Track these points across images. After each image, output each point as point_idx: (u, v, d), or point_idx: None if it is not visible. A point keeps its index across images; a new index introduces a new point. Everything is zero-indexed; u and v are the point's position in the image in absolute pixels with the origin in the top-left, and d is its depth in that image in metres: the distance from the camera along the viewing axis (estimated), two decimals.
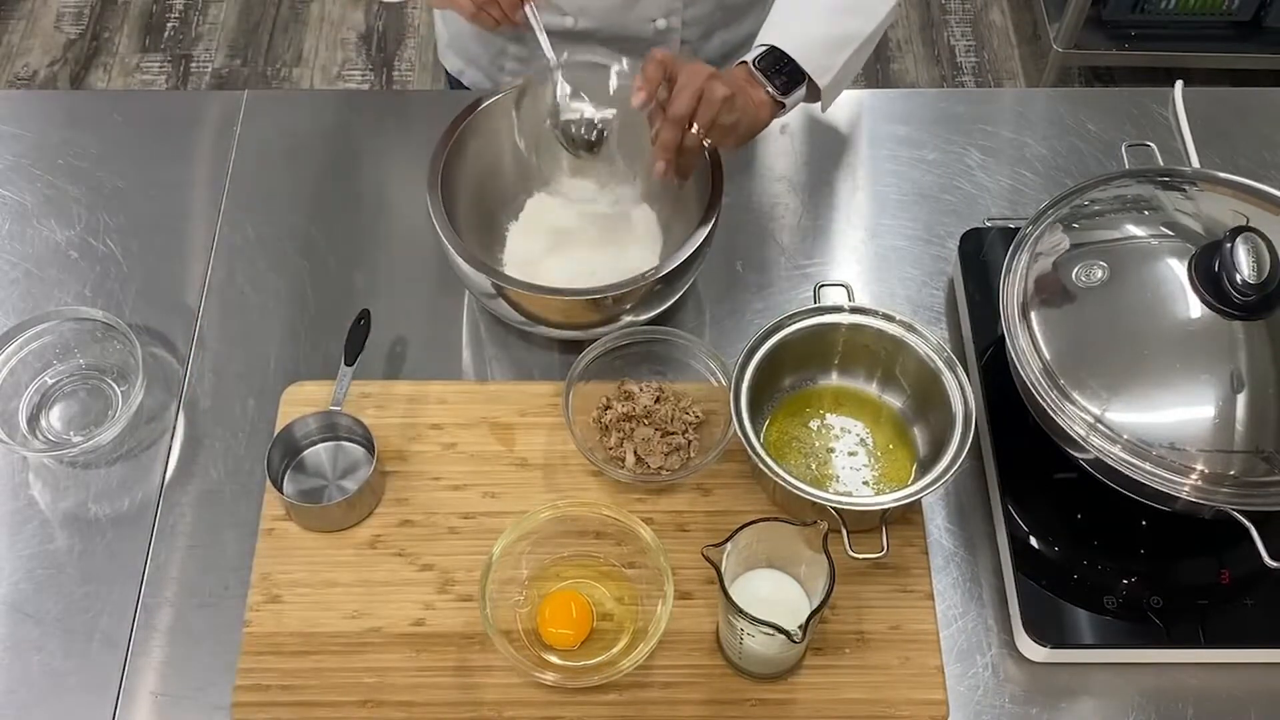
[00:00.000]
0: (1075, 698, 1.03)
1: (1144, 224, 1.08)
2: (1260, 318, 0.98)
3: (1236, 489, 0.96)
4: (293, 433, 1.11)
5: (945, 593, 1.07)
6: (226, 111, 1.40)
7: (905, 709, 1.01)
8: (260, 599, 1.06)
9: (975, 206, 1.32)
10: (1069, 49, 2.58)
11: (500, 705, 1.01)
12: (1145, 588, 1.04)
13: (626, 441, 1.12)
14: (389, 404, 1.16)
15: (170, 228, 1.31)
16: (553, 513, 1.04)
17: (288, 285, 1.26)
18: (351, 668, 1.03)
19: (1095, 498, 1.04)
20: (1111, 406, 0.98)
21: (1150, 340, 1.01)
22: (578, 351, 1.13)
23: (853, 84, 1.26)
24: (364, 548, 1.09)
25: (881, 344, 1.11)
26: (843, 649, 1.03)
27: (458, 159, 1.18)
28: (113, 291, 1.25)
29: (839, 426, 1.14)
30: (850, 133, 1.40)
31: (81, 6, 2.85)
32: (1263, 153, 1.36)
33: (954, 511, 1.12)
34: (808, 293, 1.16)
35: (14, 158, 1.36)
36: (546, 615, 1.03)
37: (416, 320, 1.24)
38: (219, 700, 1.02)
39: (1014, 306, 1.06)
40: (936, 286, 1.26)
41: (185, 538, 1.11)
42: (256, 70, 2.76)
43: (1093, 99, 1.44)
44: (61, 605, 1.07)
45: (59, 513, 1.12)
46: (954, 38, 2.82)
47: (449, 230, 1.13)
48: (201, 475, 1.14)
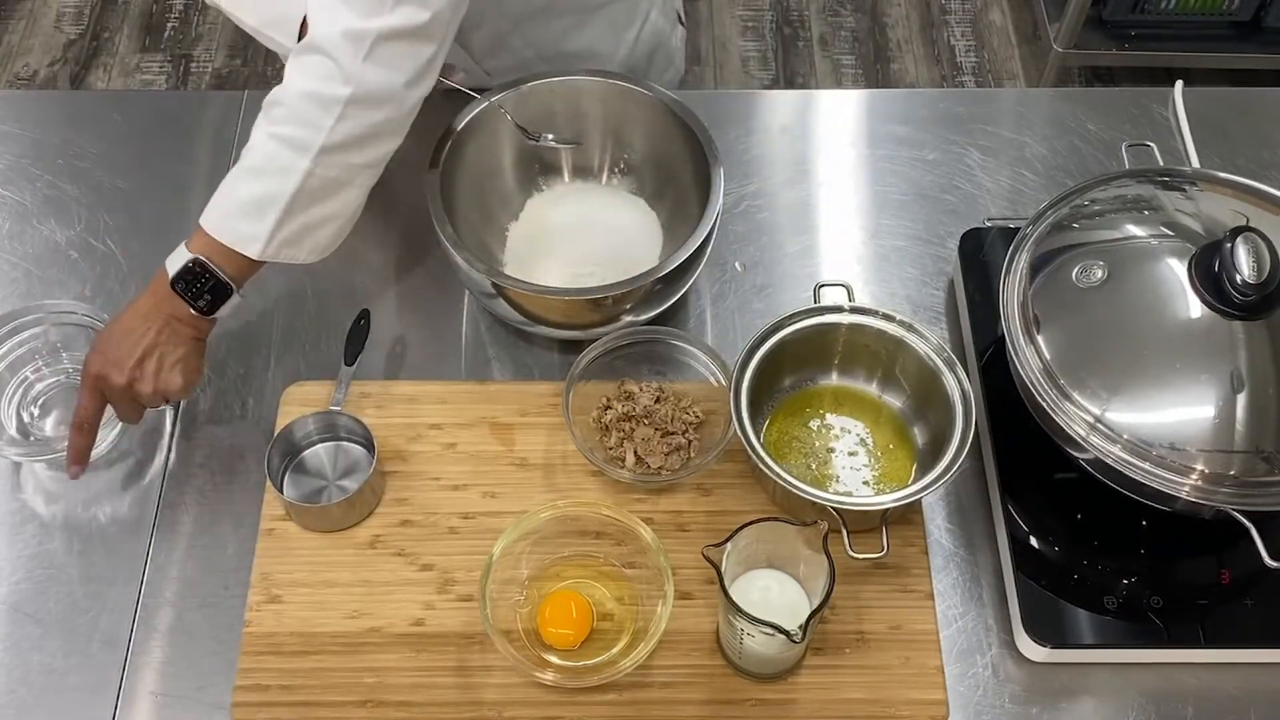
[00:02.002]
0: (1075, 698, 1.03)
1: (1144, 224, 1.08)
2: (1260, 318, 0.98)
3: (1236, 489, 0.96)
4: (293, 433, 1.11)
5: (945, 593, 1.07)
6: (226, 111, 1.40)
7: (905, 709, 1.01)
8: (260, 599, 1.06)
9: (975, 206, 1.32)
10: (1069, 49, 2.57)
11: (500, 705, 1.01)
12: (1145, 588, 1.04)
13: (626, 441, 1.12)
14: (389, 404, 1.16)
15: (170, 228, 1.30)
16: (553, 513, 1.04)
17: (288, 285, 1.26)
18: (351, 668, 1.03)
19: (1095, 498, 1.04)
20: (1111, 406, 0.98)
21: (1150, 340, 1.01)
22: (578, 351, 1.13)
23: (852, 84, 1.26)
24: (364, 548, 1.09)
25: (881, 344, 1.11)
26: (843, 649, 1.03)
27: (458, 159, 1.19)
28: (113, 291, 1.25)
29: (839, 426, 1.14)
30: (850, 133, 1.40)
31: (81, 6, 2.85)
32: (1263, 153, 1.36)
33: (954, 511, 1.12)
34: (808, 293, 1.16)
35: (14, 158, 1.36)
36: (547, 615, 1.03)
37: (416, 320, 1.24)
38: (219, 700, 1.02)
39: (1014, 306, 1.06)
40: (936, 286, 1.26)
41: (185, 538, 1.11)
42: (256, 70, 2.76)
43: (1093, 99, 1.44)
44: (61, 605, 1.07)
45: (59, 513, 1.12)
46: (954, 38, 2.82)
47: (449, 230, 1.13)
48: (201, 475, 1.14)
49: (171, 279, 1.05)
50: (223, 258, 1.05)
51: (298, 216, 1.05)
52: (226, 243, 1.05)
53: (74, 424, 1.06)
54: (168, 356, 1.06)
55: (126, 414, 1.08)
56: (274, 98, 1.05)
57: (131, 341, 1.05)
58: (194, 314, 1.06)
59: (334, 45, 1.02)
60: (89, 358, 1.06)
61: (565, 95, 1.24)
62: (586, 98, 1.24)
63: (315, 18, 1.04)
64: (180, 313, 1.06)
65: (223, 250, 1.05)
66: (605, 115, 1.25)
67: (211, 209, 1.06)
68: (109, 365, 1.04)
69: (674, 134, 1.21)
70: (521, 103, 1.22)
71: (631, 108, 1.23)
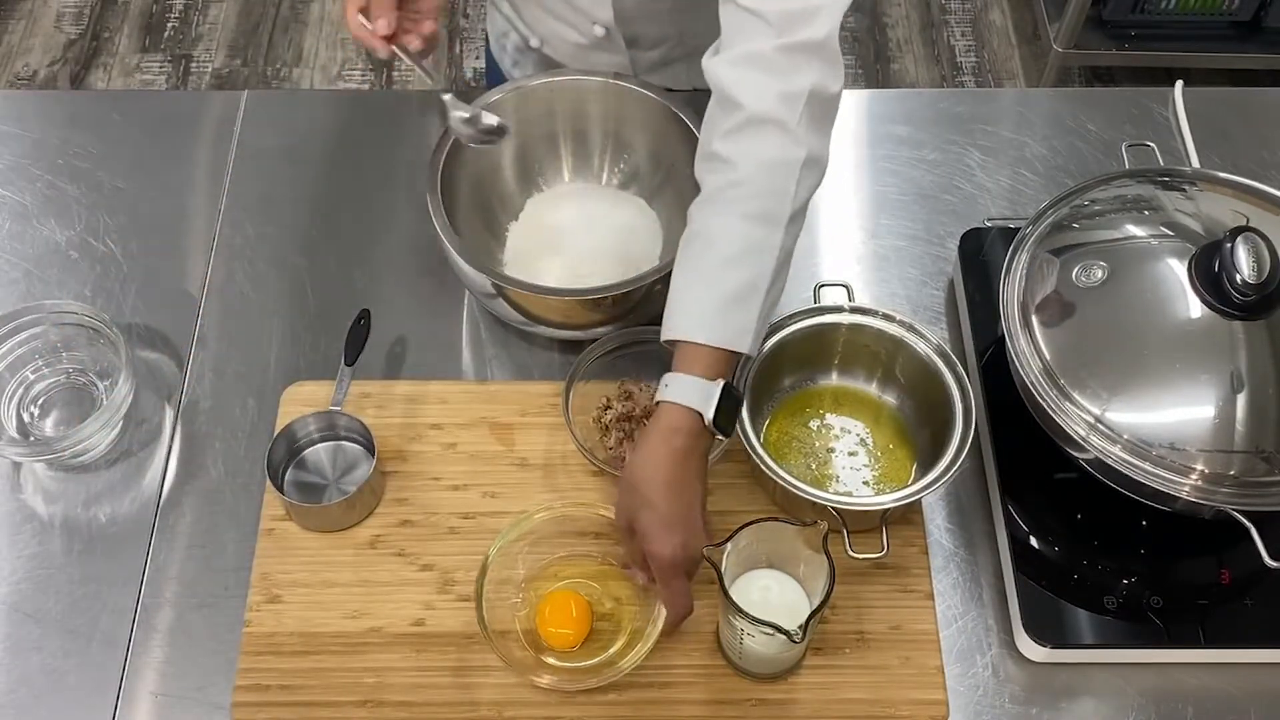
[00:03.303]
0: (1075, 698, 1.03)
1: (1144, 224, 1.08)
2: (1260, 318, 0.98)
3: (1236, 489, 0.96)
4: (293, 433, 1.11)
5: (945, 593, 1.07)
6: (226, 111, 1.40)
7: (905, 709, 1.01)
8: (260, 599, 1.06)
9: (975, 206, 1.32)
10: (1069, 49, 2.57)
11: (500, 705, 1.01)
12: (1145, 588, 1.04)
13: (626, 441, 1.12)
14: (389, 404, 1.16)
15: (170, 228, 1.31)
16: (549, 514, 1.04)
17: (288, 285, 1.26)
18: (351, 668, 1.03)
19: (1095, 498, 1.04)
20: (1111, 406, 0.98)
21: (1150, 340, 1.01)
22: (578, 351, 1.13)
23: (852, 84, 1.26)
24: (364, 548, 1.08)
25: (881, 344, 1.11)
26: (843, 649, 1.03)
27: (458, 159, 1.18)
28: (113, 291, 1.25)
29: (839, 426, 1.14)
30: (850, 133, 1.40)
31: (81, 6, 2.85)
32: (1263, 153, 1.36)
33: (954, 511, 1.12)
34: (808, 293, 1.16)
35: (14, 158, 1.36)
36: (546, 615, 1.03)
37: (416, 320, 1.24)
38: (219, 700, 1.02)
39: (1014, 306, 1.06)
40: (936, 286, 1.26)
41: (185, 538, 1.10)
42: (256, 70, 2.76)
43: (1093, 99, 1.44)
44: (61, 605, 1.07)
45: (59, 513, 1.12)
46: (954, 38, 2.82)
47: (449, 230, 1.13)
48: (201, 475, 1.14)
49: (713, 417, 0.94)
50: (719, 367, 0.95)
51: (769, 299, 0.98)
52: (720, 345, 0.95)
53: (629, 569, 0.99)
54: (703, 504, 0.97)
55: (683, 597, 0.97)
56: (725, 182, 0.98)
57: (685, 503, 0.95)
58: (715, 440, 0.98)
59: (776, 112, 0.97)
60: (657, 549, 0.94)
61: (565, 95, 1.24)
62: (587, 98, 1.24)
63: (743, 93, 0.98)
64: (706, 449, 0.97)
65: (717, 358, 0.96)
66: (605, 115, 1.25)
67: (686, 317, 0.97)
68: (681, 547, 0.94)
69: (674, 134, 1.21)
70: (522, 103, 1.22)
71: (631, 108, 1.23)
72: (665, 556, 0.94)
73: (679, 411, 0.95)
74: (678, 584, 0.96)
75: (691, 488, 0.96)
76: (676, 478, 0.95)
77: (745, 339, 0.96)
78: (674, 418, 0.95)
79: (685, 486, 0.95)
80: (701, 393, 0.95)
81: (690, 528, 0.95)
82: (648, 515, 0.94)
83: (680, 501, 0.95)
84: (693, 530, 0.95)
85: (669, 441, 0.95)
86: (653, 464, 0.95)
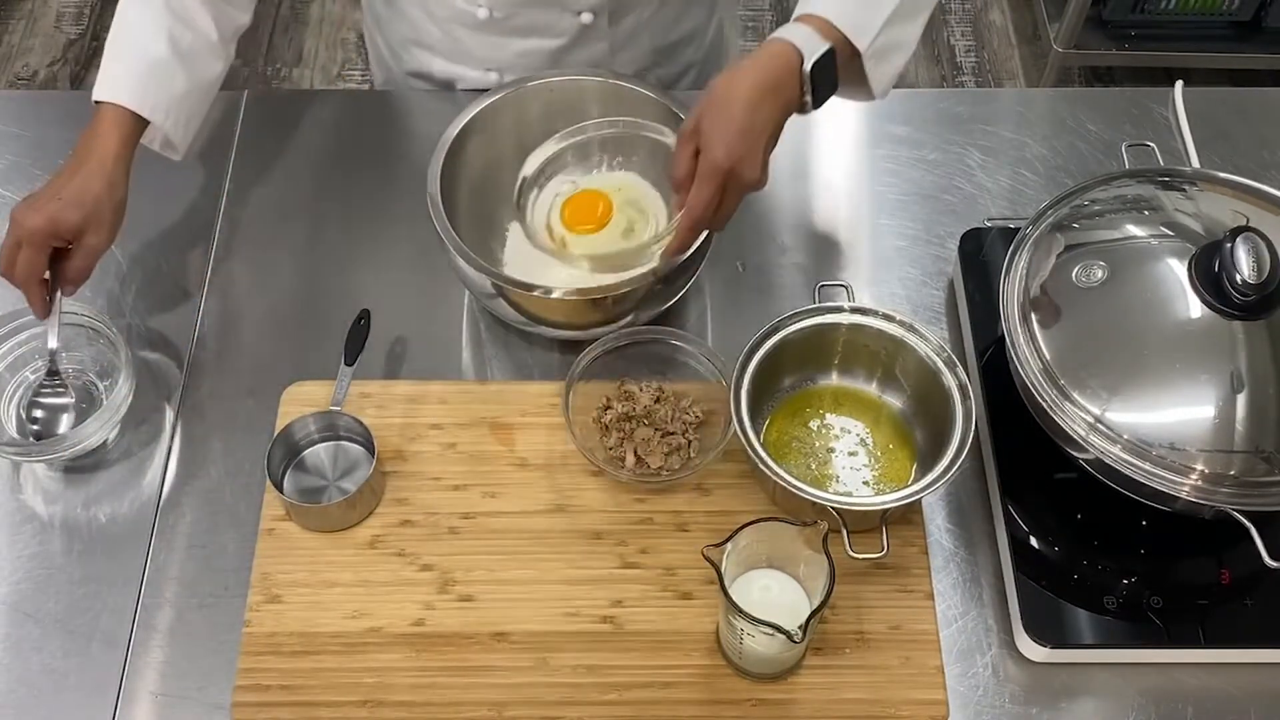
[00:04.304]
0: (1075, 698, 1.03)
1: (1144, 224, 1.08)
2: (1260, 318, 0.98)
3: (1236, 489, 0.96)
4: (293, 433, 1.11)
5: (945, 593, 1.07)
6: (226, 111, 1.40)
7: (905, 709, 1.01)
8: (260, 599, 1.06)
9: (975, 206, 1.32)
10: (1069, 49, 2.58)
11: (500, 705, 1.01)
12: (1145, 588, 1.04)
13: (626, 441, 1.12)
14: (389, 404, 1.16)
15: (170, 228, 1.31)
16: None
17: (288, 285, 1.26)
18: (351, 668, 1.03)
19: (1095, 498, 1.04)
20: (1111, 406, 0.98)
21: (1150, 340, 1.01)
22: (578, 351, 1.13)
23: None
24: (364, 548, 1.09)
25: (881, 344, 1.11)
26: (843, 649, 1.03)
27: (458, 159, 1.18)
28: (112, 291, 1.25)
29: (839, 426, 1.14)
30: (850, 133, 1.40)
31: (81, 6, 2.85)
32: (1263, 153, 1.36)
33: (954, 511, 1.12)
34: (808, 293, 1.16)
35: (14, 158, 1.36)
36: (568, 214, 1.13)
37: (416, 320, 1.24)
38: (219, 700, 1.02)
39: (1014, 306, 1.06)
40: (936, 286, 1.26)
41: (185, 538, 1.11)
42: (256, 70, 2.76)
43: (1093, 99, 1.44)
44: (61, 605, 1.07)
45: (59, 513, 1.12)
46: (954, 38, 2.82)
47: (449, 230, 1.13)
48: (201, 475, 1.14)
49: (810, 69, 0.96)
50: (832, 40, 0.98)
51: (899, 12, 1.01)
52: (843, 29, 0.99)
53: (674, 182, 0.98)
54: (770, 150, 0.97)
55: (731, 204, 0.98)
56: None
57: (756, 126, 0.95)
58: (802, 105, 0.99)
59: None
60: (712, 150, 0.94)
61: (565, 95, 1.23)
62: (587, 98, 1.24)
63: None
64: (794, 102, 0.98)
65: (834, 38, 0.99)
66: (605, 115, 1.25)
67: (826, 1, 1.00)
68: (735, 159, 0.94)
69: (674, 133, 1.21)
70: (522, 102, 1.22)
71: (631, 108, 1.23)
72: (716, 158, 0.94)
73: (783, 45, 0.97)
74: (710, 189, 0.95)
75: (769, 116, 0.96)
76: (756, 99, 0.95)
77: (865, 37, 0.99)
78: (776, 48, 0.97)
79: (761, 111, 0.95)
80: (810, 40, 0.97)
81: (750, 149, 0.95)
82: (716, 118, 0.95)
83: (752, 120, 0.95)
84: (752, 154, 0.95)
85: (765, 67, 0.96)
86: (740, 79, 0.96)
